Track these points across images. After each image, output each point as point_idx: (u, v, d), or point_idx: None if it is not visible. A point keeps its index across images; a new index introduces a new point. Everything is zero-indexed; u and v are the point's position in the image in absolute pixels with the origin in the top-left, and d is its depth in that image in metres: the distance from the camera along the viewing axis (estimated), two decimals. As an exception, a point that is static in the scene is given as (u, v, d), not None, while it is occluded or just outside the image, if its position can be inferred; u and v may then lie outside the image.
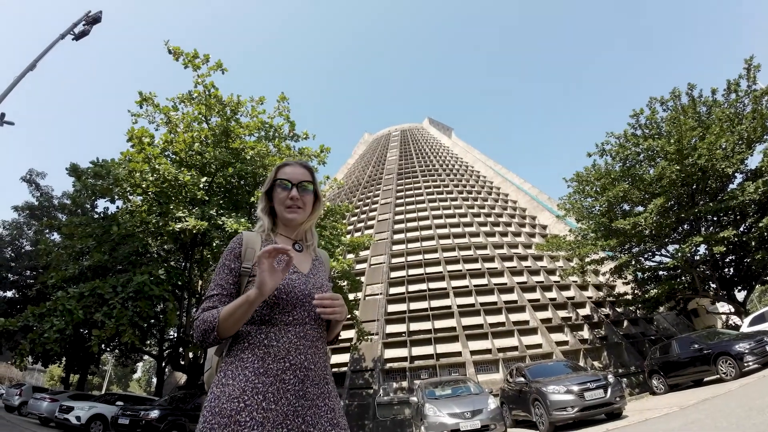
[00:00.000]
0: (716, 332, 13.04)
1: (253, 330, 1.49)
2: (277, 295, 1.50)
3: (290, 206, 1.70)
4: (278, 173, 1.75)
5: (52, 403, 16.44)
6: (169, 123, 13.74)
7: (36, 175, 27.66)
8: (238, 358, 1.44)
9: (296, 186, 1.71)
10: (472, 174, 44.22)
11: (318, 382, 1.51)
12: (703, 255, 17.58)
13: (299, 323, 1.53)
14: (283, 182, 1.71)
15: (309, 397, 1.46)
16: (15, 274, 26.76)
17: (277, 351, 1.46)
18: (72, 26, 12.06)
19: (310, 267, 1.71)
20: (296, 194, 1.70)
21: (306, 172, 1.76)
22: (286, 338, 1.49)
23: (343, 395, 17.74)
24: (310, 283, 1.62)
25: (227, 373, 1.41)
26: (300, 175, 1.74)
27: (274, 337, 1.48)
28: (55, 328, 9.75)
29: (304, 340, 1.52)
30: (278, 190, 1.71)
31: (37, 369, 54.12)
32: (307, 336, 1.53)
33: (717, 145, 15.36)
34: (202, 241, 14.09)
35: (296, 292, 1.54)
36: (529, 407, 10.43)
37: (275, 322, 1.50)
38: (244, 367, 1.41)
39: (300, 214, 1.72)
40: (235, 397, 1.34)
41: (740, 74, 16.92)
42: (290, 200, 1.69)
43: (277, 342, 1.47)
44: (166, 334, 27.63)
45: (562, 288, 23.33)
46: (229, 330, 1.43)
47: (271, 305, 1.50)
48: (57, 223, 16.00)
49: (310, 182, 1.75)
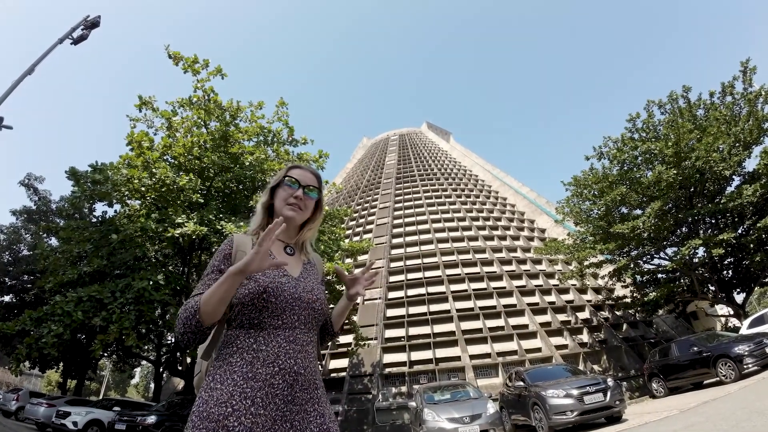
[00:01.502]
0: (715, 335, 13.04)
1: (241, 334, 1.48)
2: (266, 298, 1.48)
3: (292, 203, 1.70)
4: (288, 172, 1.76)
5: (49, 409, 16.36)
6: (169, 128, 13.74)
7: (34, 180, 27.66)
8: (226, 362, 1.43)
9: (303, 188, 1.72)
10: (471, 178, 44.29)
11: (307, 387, 1.50)
12: (701, 257, 17.61)
13: (289, 327, 1.52)
14: (291, 180, 1.72)
15: (298, 402, 1.45)
16: (12, 279, 26.66)
17: (266, 355, 1.44)
18: (71, 30, 12.07)
19: (301, 270, 1.70)
20: (301, 194, 1.70)
21: (315, 178, 1.78)
22: (275, 342, 1.47)
23: (342, 400, 17.67)
24: (300, 286, 1.61)
25: (215, 378, 1.39)
26: (309, 179, 1.75)
27: (263, 341, 1.46)
28: (53, 332, 9.71)
29: (293, 344, 1.50)
30: (284, 187, 1.72)
31: (34, 374, 53.81)
32: (297, 340, 1.52)
33: (714, 146, 15.42)
34: (200, 245, 14.06)
35: (286, 296, 1.53)
36: (529, 411, 10.39)
37: (264, 326, 1.48)
38: (232, 372, 1.39)
39: (299, 214, 1.71)
40: (223, 402, 1.32)
41: (734, 76, 17.02)
42: (293, 198, 1.70)
43: (266, 346, 1.45)
44: (164, 340, 27.51)
45: (561, 291, 23.32)
46: (210, 314, 1.37)
47: (260, 308, 1.48)
48: (55, 227, 15.95)
49: (316, 189, 1.77)
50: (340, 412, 16.97)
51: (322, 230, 14.35)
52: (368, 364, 19.49)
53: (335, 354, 20.20)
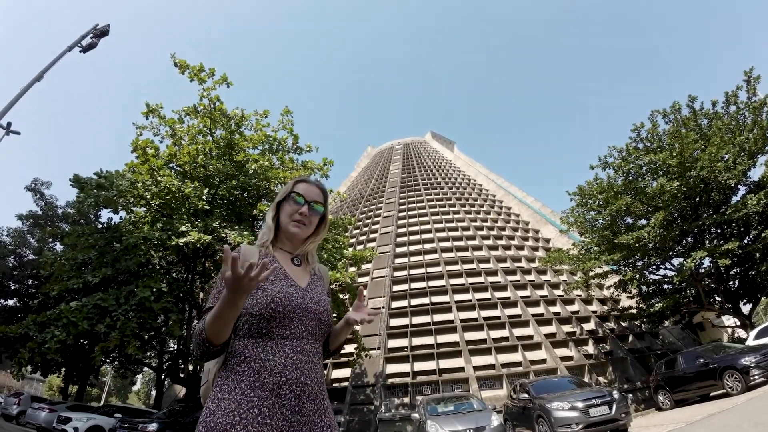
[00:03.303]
0: (722, 346, 12.87)
1: (249, 343, 1.48)
2: (275, 308, 1.49)
3: (297, 220, 1.72)
4: (294, 187, 1.78)
5: (50, 414, 16.40)
6: (174, 135, 13.83)
7: (41, 185, 27.85)
8: (234, 372, 1.43)
9: (308, 203, 1.74)
10: (475, 187, 44.28)
11: (314, 398, 1.50)
12: (707, 268, 17.47)
13: (296, 337, 1.52)
14: (297, 196, 1.74)
15: (305, 413, 1.45)
16: (17, 283, 26.78)
17: (273, 365, 1.44)
18: (80, 38, 12.25)
19: (309, 281, 1.71)
20: (306, 210, 1.72)
21: (320, 193, 1.80)
22: (282, 352, 1.47)
23: (344, 411, 17.55)
24: (307, 297, 1.62)
25: (223, 387, 1.40)
26: (314, 194, 1.78)
27: (270, 350, 1.47)
28: (57, 338, 9.72)
29: (300, 354, 1.50)
30: (290, 203, 1.74)
31: (36, 379, 53.92)
32: (304, 351, 1.52)
33: (718, 156, 15.37)
34: (204, 253, 14.08)
35: (293, 306, 1.54)
36: (533, 424, 10.27)
37: (272, 336, 1.49)
38: (239, 381, 1.40)
39: (303, 230, 1.74)
40: (231, 411, 1.33)
41: (738, 85, 17.00)
42: (299, 215, 1.71)
43: (273, 356, 1.46)
44: (166, 347, 27.52)
45: (566, 302, 23.17)
46: (216, 334, 1.36)
47: (269, 318, 1.49)
48: (60, 232, 16.03)
49: (321, 204, 1.79)
50: (341, 423, 16.83)
51: (326, 239, 14.36)
52: (371, 374, 19.38)
53: (337, 364, 20.11)
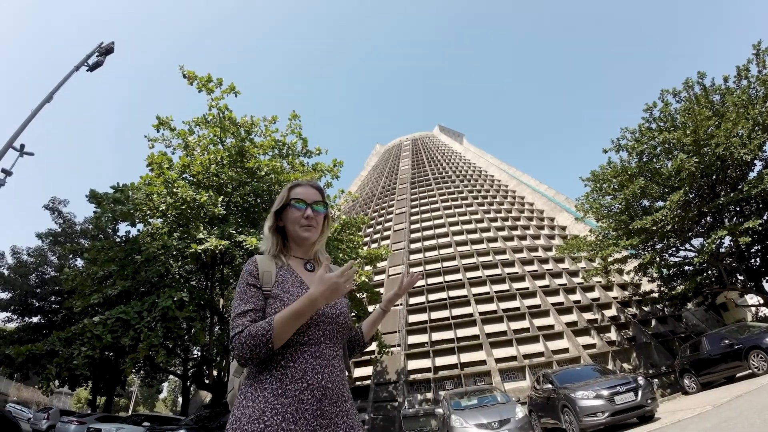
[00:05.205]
0: (746, 326, 12.65)
1: None
2: None
3: (305, 225, 1.73)
4: (291, 193, 1.78)
5: (79, 426, 16.64)
6: (186, 147, 13.99)
7: (58, 203, 28.34)
8: (257, 380, 1.47)
9: (310, 206, 1.75)
10: (486, 178, 44.02)
11: (336, 400, 1.52)
12: (728, 247, 17.16)
13: (314, 343, 1.55)
14: (298, 202, 1.74)
15: (327, 416, 1.47)
16: (40, 300, 27.32)
17: (294, 372, 1.47)
18: (86, 58, 12.43)
19: None
20: (311, 213, 1.74)
21: (317, 192, 1.81)
22: (302, 359, 1.50)
23: (368, 409, 17.65)
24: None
25: (247, 395, 1.44)
26: (313, 195, 1.78)
27: (290, 357, 1.49)
28: (83, 354, 9.93)
29: (319, 359, 1.53)
30: (292, 210, 1.74)
31: (64, 392, 55.05)
32: (323, 355, 1.54)
33: (734, 132, 15.08)
34: (222, 259, 14.24)
35: None
36: (559, 414, 10.21)
37: (291, 343, 1.51)
38: (263, 389, 1.43)
39: (313, 233, 1.76)
40: (255, 419, 1.36)
41: (748, 59, 16.62)
42: (305, 219, 1.73)
43: (293, 363, 1.49)
44: (190, 354, 27.90)
45: (586, 290, 22.94)
46: (284, 336, 1.44)
47: None
48: (80, 248, 16.31)
49: (322, 203, 1.80)
50: (366, 421, 16.91)
51: (340, 239, 14.41)
52: (392, 371, 19.44)
53: (359, 362, 20.20)
